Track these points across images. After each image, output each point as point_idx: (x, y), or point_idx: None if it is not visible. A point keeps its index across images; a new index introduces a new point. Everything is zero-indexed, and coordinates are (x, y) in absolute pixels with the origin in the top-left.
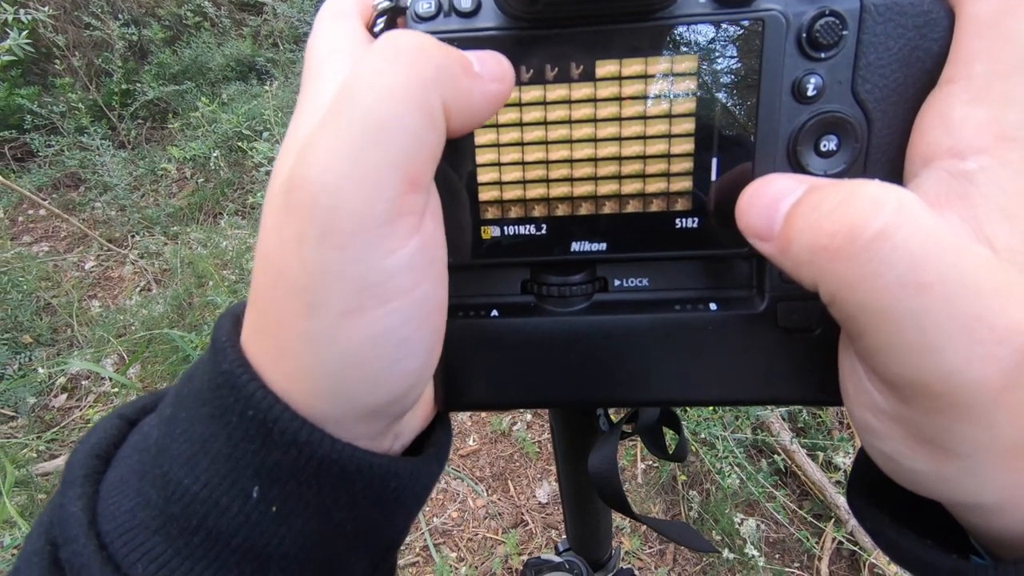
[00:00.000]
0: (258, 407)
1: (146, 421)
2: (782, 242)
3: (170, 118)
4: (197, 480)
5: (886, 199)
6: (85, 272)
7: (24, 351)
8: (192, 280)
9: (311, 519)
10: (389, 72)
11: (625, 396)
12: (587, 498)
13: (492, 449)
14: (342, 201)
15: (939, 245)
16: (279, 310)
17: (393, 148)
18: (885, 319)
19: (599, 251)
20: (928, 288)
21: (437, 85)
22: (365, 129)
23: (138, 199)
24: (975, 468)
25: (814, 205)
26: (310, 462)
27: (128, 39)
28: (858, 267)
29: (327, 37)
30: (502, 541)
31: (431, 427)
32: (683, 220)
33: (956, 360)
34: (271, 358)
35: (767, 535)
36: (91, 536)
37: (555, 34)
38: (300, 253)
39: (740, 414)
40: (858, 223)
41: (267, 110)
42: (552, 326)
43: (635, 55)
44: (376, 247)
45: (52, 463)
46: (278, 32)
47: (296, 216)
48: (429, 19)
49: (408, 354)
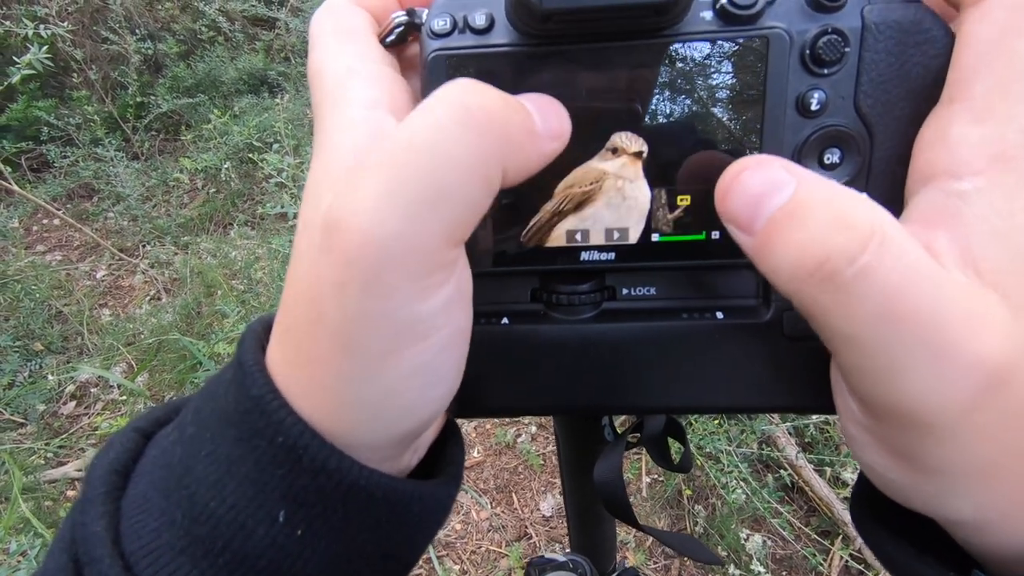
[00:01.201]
0: (288, 434)
1: (162, 434)
2: (761, 244)
3: (183, 130)
4: (224, 503)
5: (872, 230)
6: (97, 281)
7: (35, 358)
8: (201, 289)
9: (335, 542)
10: (456, 138)
11: (632, 403)
12: (591, 509)
13: (496, 461)
14: (389, 257)
15: (917, 277)
16: (315, 348)
17: (449, 216)
18: (857, 344)
19: (607, 261)
20: (901, 319)
21: (501, 156)
22: (424, 192)
23: (150, 209)
24: (950, 484)
25: (800, 220)
26: (338, 488)
27: (144, 53)
28: (836, 297)
29: (337, 56)
30: (505, 554)
31: (443, 440)
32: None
33: (922, 386)
34: (303, 389)
35: (773, 551)
36: (116, 556)
37: (565, 50)
38: (340, 299)
39: (746, 428)
40: (842, 257)
41: (278, 122)
42: (561, 333)
43: (642, 71)
44: (417, 296)
45: (60, 470)
46: (290, 46)
47: (338, 260)
48: (444, 36)
49: (439, 381)
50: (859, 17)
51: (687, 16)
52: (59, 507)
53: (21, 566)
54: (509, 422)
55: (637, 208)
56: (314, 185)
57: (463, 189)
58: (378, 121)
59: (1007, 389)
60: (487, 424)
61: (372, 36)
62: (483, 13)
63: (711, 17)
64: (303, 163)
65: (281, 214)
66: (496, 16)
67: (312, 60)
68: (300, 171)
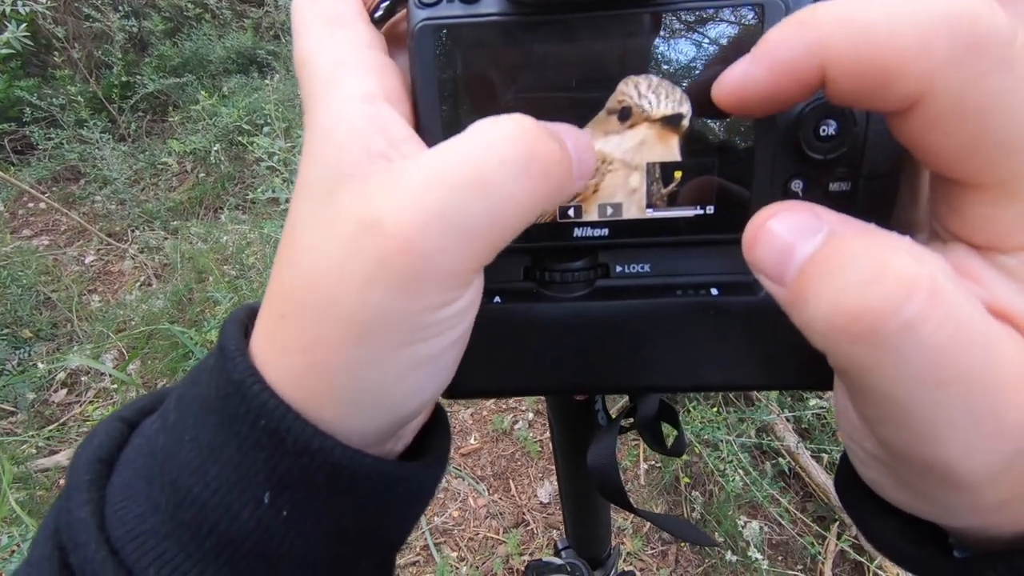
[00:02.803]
0: (271, 416)
1: (147, 423)
2: (794, 296)
3: (170, 111)
4: (207, 487)
5: (919, 282)
6: (85, 266)
7: (24, 346)
8: (192, 275)
9: (320, 523)
10: (520, 183)
11: (627, 382)
12: (586, 494)
13: (493, 448)
14: (426, 269)
15: (966, 339)
16: (321, 334)
17: (492, 244)
18: (895, 405)
19: (601, 237)
20: (946, 384)
21: (550, 201)
22: (477, 223)
23: (138, 193)
24: (956, 515)
25: (837, 269)
26: (321, 469)
27: (128, 31)
28: (877, 355)
29: (324, 46)
30: (503, 541)
31: (430, 427)
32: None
33: (958, 451)
34: (293, 374)
35: (770, 538)
36: (101, 541)
37: (556, 19)
38: (365, 293)
39: (745, 417)
40: (885, 310)
41: (268, 104)
42: (554, 312)
43: (634, 39)
44: (441, 304)
45: (51, 459)
46: (280, 24)
47: (372, 256)
48: (432, 5)
49: (439, 371)
50: None
51: None
52: (51, 496)
53: (14, 559)
54: (506, 408)
55: (644, 165)
56: (312, 177)
57: (513, 227)
58: (378, 113)
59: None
60: (484, 411)
61: (358, 19)
62: None
63: None
64: (295, 147)
65: (272, 199)
66: None
67: (297, 50)
68: (291, 155)
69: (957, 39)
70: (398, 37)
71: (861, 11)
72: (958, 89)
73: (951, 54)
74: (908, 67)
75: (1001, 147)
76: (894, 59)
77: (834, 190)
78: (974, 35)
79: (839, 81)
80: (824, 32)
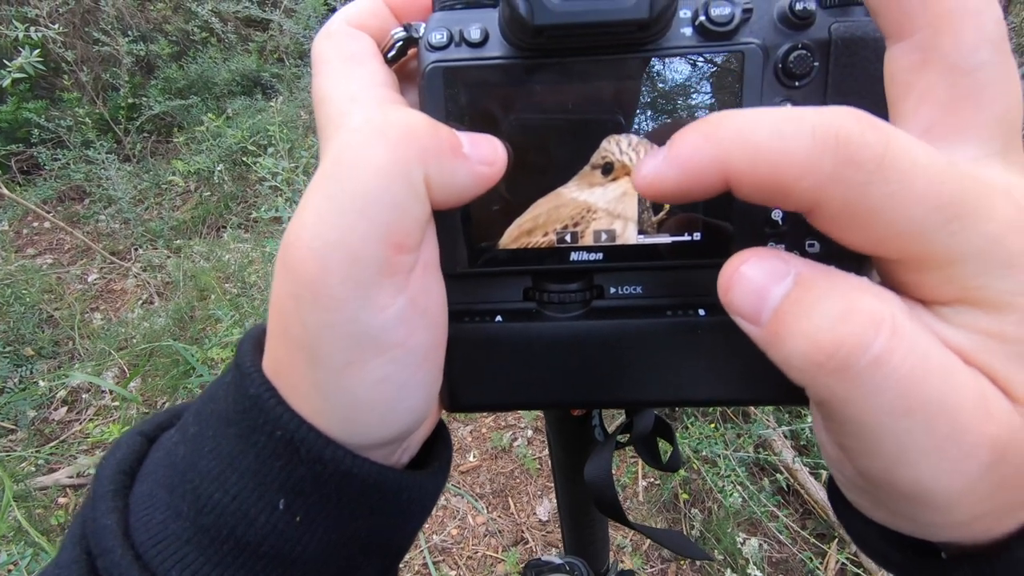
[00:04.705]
0: (286, 428)
1: (165, 437)
2: (771, 336)
3: (175, 132)
4: (227, 493)
5: (883, 318)
6: (88, 285)
7: (25, 364)
8: (194, 293)
9: (331, 528)
10: (375, 149)
11: (620, 396)
12: (583, 509)
13: (492, 465)
14: (331, 268)
15: (928, 369)
16: (289, 359)
17: (378, 219)
18: (867, 433)
19: (596, 261)
20: (912, 412)
21: (420, 163)
22: (352, 201)
23: (142, 212)
24: (935, 531)
25: (807, 310)
26: (333, 477)
27: (136, 54)
28: (850, 388)
29: (339, 83)
30: (502, 559)
31: (433, 439)
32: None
33: (926, 473)
34: (288, 393)
35: (770, 555)
36: (127, 547)
37: (555, 63)
38: (298, 313)
39: (742, 433)
40: (855, 346)
41: (272, 125)
42: (552, 330)
43: (627, 82)
44: (366, 307)
45: (51, 477)
46: (283, 48)
47: (291, 276)
48: (441, 48)
49: (410, 395)
50: (827, 32)
51: (669, 32)
52: (50, 515)
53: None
54: (505, 425)
55: (626, 214)
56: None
57: (387, 193)
58: None
59: (1004, 462)
60: (483, 428)
61: (372, 59)
62: (478, 27)
63: (691, 33)
64: (298, 167)
65: (275, 217)
66: (490, 30)
67: (316, 87)
68: (295, 175)
69: (836, 157)
70: (408, 75)
71: (753, 133)
72: (844, 198)
73: (833, 171)
74: (799, 184)
75: (899, 237)
76: (787, 177)
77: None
78: (847, 153)
79: (741, 190)
80: (724, 149)
